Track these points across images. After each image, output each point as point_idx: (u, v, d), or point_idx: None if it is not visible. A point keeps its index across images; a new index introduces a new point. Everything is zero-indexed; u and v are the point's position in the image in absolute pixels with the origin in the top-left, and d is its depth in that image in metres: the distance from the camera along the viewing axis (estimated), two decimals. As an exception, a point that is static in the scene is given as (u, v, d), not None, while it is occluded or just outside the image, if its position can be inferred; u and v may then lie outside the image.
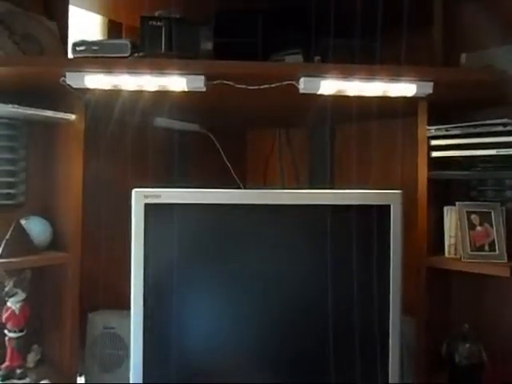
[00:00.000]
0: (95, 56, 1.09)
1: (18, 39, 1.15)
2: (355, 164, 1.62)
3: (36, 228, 1.19)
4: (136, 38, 1.19)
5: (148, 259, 1.08)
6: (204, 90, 1.03)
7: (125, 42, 1.12)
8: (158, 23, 1.17)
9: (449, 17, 1.34)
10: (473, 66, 1.32)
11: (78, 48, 1.11)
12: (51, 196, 1.26)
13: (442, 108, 1.27)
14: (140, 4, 1.39)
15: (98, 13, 1.53)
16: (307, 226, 1.12)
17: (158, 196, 1.09)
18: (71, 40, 1.22)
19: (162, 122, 1.59)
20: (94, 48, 1.11)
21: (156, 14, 1.30)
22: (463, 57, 1.35)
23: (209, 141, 1.71)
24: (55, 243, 1.23)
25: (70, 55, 1.12)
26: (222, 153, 1.73)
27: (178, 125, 1.64)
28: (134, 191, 1.08)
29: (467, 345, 1.22)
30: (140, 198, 1.08)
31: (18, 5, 1.22)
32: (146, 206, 1.08)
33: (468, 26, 1.34)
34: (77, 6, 1.43)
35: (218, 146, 1.72)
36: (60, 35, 1.30)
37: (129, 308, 1.07)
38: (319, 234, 1.12)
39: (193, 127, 1.69)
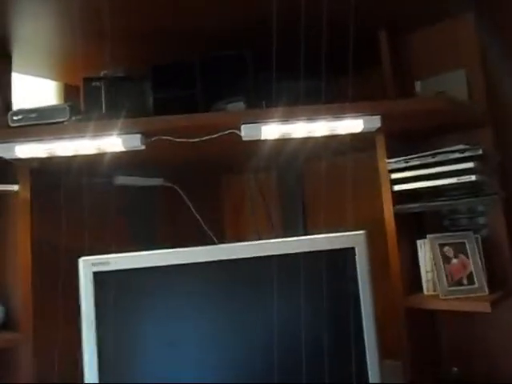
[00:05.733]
0: (33, 124, 1.06)
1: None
2: (326, 203, 1.56)
3: (-16, 309, 1.12)
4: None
5: (100, 332, 1.00)
6: (143, 148, 0.98)
7: (63, 106, 1.09)
8: (98, 84, 1.14)
9: (397, 49, 1.32)
10: (428, 92, 1.30)
11: (15, 117, 1.07)
12: (2, 272, 1.19)
13: (402, 140, 1.23)
14: (86, 65, 1.37)
15: (49, 78, 1.51)
16: (267, 277, 1.05)
17: (107, 263, 1.02)
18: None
19: (123, 180, 1.54)
20: (32, 116, 1.07)
21: (101, 73, 1.28)
22: (417, 85, 1.34)
23: (177, 194, 1.66)
24: (9, 323, 1.15)
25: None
26: (191, 205, 1.67)
27: (140, 181, 1.59)
28: (80, 260, 1.02)
29: (459, 390, 1.13)
30: (88, 266, 1.02)
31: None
32: (95, 274, 1.02)
33: (418, 55, 1.32)
34: (23, 73, 1.41)
35: (185, 198, 1.67)
36: (5, 106, 1.27)
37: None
38: (284, 283, 1.05)
39: (157, 181, 1.64)
